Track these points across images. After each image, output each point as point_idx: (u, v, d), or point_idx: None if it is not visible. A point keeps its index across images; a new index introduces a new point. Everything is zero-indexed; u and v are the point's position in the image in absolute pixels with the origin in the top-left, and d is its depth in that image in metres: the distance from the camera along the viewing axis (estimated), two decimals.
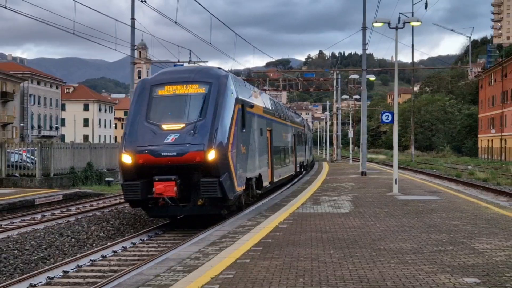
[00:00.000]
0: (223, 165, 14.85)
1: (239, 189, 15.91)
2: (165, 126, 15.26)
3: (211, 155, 14.64)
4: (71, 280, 10.69)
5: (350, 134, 56.39)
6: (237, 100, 16.23)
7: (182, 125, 15.19)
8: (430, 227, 12.14)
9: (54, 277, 10.81)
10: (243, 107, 16.93)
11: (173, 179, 14.54)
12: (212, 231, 12.51)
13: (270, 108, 23.70)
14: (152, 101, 15.90)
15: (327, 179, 29.52)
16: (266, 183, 20.80)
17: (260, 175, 19.39)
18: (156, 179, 14.60)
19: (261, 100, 21.35)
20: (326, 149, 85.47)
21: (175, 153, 14.69)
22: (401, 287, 7.14)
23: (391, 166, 31.31)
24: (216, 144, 14.77)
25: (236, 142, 15.74)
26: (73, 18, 24.33)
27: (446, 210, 15.15)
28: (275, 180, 23.49)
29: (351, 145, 61.49)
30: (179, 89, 15.88)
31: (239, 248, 9.92)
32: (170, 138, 14.92)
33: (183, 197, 14.90)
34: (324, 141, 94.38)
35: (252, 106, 18.47)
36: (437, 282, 7.35)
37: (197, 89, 15.81)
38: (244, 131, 16.92)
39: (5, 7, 21.21)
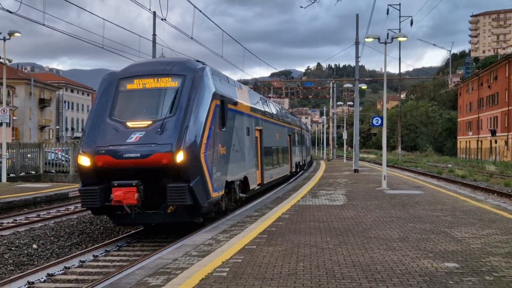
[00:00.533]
0: (194, 168, 11.64)
1: (216, 194, 12.65)
2: (130, 124, 12.07)
3: (180, 157, 11.42)
4: (100, 264, 10.71)
5: (344, 136, 56.33)
6: (215, 96, 12.94)
7: (148, 123, 11.99)
8: (415, 218, 12.09)
9: (85, 260, 10.83)
10: (223, 103, 13.62)
11: (134, 184, 11.33)
12: (223, 220, 12.50)
13: (260, 107, 20.29)
14: (118, 96, 12.74)
15: (324, 176, 29.47)
16: (254, 186, 17.58)
17: (246, 178, 16.23)
18: (115, 184, 11.41)
19: (248, 98, 17.93)
20: (323, 149, 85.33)
21: (138, 155, 11.48)
22: (390, 270, 7.12)
23: (381, 164, 31.25)
24: (185, 144, 11.55)
25: (213, 141, 12.53)
26: (102, 34, 24.41)
27: (429, 203, 15.09)
28: (266, 181, 20.10)
29: (345, 146, 61.38)
30: (150, 83, 12.74)
31: (247, 235, 9.92)
32: (133, 137, 11.76)
33: (151, 204, 11.81)
34: (321, 142, 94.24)
35: (235, 103, 15.18)
36: (421, 267, 7.33)
37: (169, 83, 12.66)
38: (224, 129, 13.65)
39: (43, 25, 21.31)
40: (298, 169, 34.88)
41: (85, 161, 11.86)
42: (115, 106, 12.55)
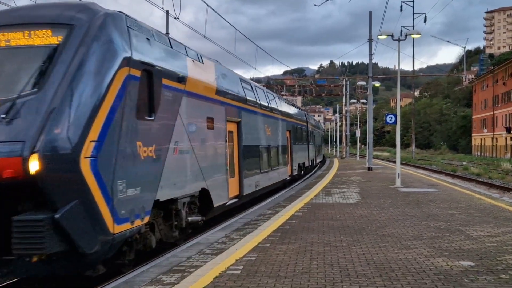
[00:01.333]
0: (66, 185, 6.86)
1: (126, 226, 7.81)
2: None
3: (34, 166, 6.74)
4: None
5: (358, 134, 56.10)
6: (129, 62, 8.07)
7: None
8: (429, 216, 12.02)
9: None
10: (152, 77, 8.77)
11: None
12: (236, 218, 12.51)
13: (239, 92, 15.02)
14: None
15: (338, 174, 29.39)
16: (224, 201, 12.96)
17: (205, 190, 11.50)
18: None
19: (214, 77, 12.67)
20: (336, 147, 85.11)
21: None
22: (404, 269, 7.08)
23: (394, 162, 31.06)
24: (47, 141, 6.85)
25: (119, 137, 7.67)
26: None
27: (443, 201, 14.99)
28: (247, 192, 15.30)
29: (358, 144, 61.14)
30: (17, 39, 7.79)
31: (260, 233, 9.92)
32: None
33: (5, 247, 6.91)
34: (334, 140, 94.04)
35: (181, 79, 10.10)
36: (436, 265, 7.28)
37: (47, 38, 7.68)
38: (153, 119, 8.84)
39: None
40: (303, 172, 29.78)
41: None
42: None
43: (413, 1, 58.70)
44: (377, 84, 42.33)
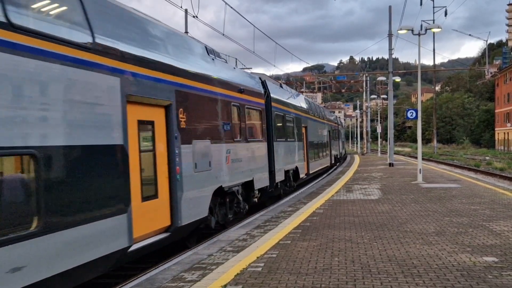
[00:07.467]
0: None
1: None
2: None
3: None
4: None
5: (379, 130, 55.71)
6: None
7: None
8: (451, 211, 11.88)
9: None
10: None
11: None
12: (257, 216, 12.53)
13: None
14: None
15: (358, 170, 29.21)
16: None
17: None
18: None
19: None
20: (357, 143, 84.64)
21: None
22: (426, 265, 7.01)
23: (416, 157, 30.75)
24: None
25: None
26: None
27: (466, 196, 14.80)
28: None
29: (379, 140, 60.72)
30: None
31: (281, 230, 9.92)
32: None
33: None
34: (355, 136, 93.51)
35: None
36: (459, 261, 7.19)
37: None
38: None
39: None
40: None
41: None
42: None
43: None
44: (398, 79, 41.97)
